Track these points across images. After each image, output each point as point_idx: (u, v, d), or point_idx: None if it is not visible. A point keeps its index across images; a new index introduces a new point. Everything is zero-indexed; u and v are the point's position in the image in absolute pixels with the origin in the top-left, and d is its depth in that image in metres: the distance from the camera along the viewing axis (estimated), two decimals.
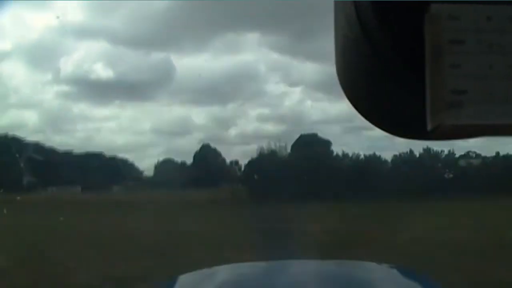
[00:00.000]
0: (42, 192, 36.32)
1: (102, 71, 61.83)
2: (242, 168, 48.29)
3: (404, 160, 30.75)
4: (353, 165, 30.92)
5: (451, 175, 29.09)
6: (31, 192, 35.80)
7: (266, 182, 28.54)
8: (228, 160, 49.15)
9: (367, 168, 29.82)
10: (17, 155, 41.16)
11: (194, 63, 49.28)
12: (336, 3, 0.67)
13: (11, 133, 42.95)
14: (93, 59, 60.72)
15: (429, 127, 0.52)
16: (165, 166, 45.67)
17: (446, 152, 30.91)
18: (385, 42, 0.58)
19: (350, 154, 31.95)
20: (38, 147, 44.36)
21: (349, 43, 0.65)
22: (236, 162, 50.93)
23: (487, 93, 0.51)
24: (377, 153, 31.96)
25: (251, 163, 34.12)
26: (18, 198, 27.41)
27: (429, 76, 0.52)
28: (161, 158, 48.14)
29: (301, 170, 28.85)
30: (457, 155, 31.12)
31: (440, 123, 0.50)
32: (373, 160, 31.55)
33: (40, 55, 55.99)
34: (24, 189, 36.81)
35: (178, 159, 48.75)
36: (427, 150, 30.54)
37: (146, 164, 60.85)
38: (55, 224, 19.14)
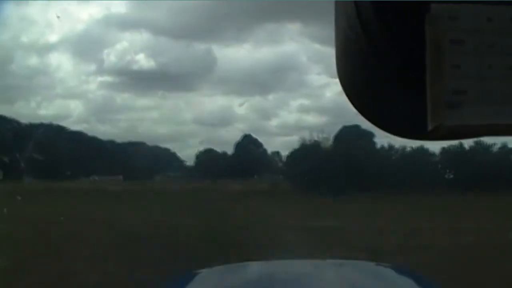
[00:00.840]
0: (84, 181, 36.77)
1: (144, 62, 62.75)
2: (283, 159, 49.40)
3: (454, 153, 29.62)
4: (399, 157, 30.08)
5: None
6: (73, 180, 36.38)
7: (308, 173, 27.93)
8: (269, 151, 48.90)
9: (414, 161, 28.95)
10: (60, 144, 41.86)
11: (236, 53, 49.17)
12: (336, 3, 0.67)
13: (55, 122, 44.04)
14: (135, 50, 61.60)
15: (429, 127, 0.52)
16: (206, 156, 45.33)
17: (499, 145, 29.73)
18: (385, 42, 0.58)
19: (397, 146, 31.05)
20: (81, 136, 45.15)
21: (350, 43, 0.63)
22: (277, 153, 50.88)
23: (487, 94, 0.51)
24: (425, 146, 30.96)
25: (293, 154, 33.47)
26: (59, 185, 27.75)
27: (430, 76, 0.52)
28: (202, 148, 48.28)
29: (345, 162, 28.12)
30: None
31: (440, 123, 0.50)
32: (420, 153, 30.65)
33: (84, 47, 57.07)
34: (66, 177, 37.41)
35: (219, 149, 48.13)
36: (478, 143, 29.35)
37: (187, 154, 61.44)
38: (94, 212, 18.98)
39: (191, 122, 59.47)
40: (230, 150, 47.35)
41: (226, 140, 54.03)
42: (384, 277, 3.23)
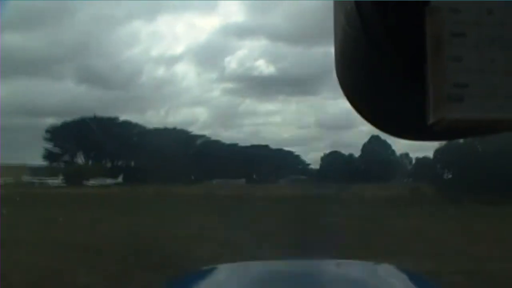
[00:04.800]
0: (207, 184, 35.11)
1: (264, 68, 63.60)
2: (413, 161, 45.18)
3: None
4: None
5: None
6: (195, 184, 34.80)
7: (457, 177, 23.58)
8: (398, 153, 44.78)
9: None
10: (184, 148, 41.26)
11: None
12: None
13: (179, 127, 43.78)
14: (255, 56, 62.44)
15: (430, 121, 0.51)
16: (332, 159, 43.26)
17: None
18: (385, 38, 0.57)
19: None
20: (204, 141, 44.44)
21: (349, 40, 0.63)
22: (406, 155, 47.02)
23: (489, 87, 0.50)
24: None
25: (438, 153, 28.64)
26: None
27: (430, 69, 0.51)
28: (327, 151, 46.76)
29: (494, 164, 23.50)
30: None
31: (442, 117, 0.50)
32: None
33: (207, 56, 59.14)
34: (189, 181, 36.36)
35: (345, 151, 45.92)
36: None
37: (311, 157, 60.13)
38: (208, 216, 16.01)
39: (314, 125, 57.88)
40: (357, 153, 44.93)
41: (351, 143, 51.57)
42: (384, 277, 3.11)
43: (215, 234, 12.74)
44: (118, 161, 41.42)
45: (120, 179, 33.53)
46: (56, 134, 39.50)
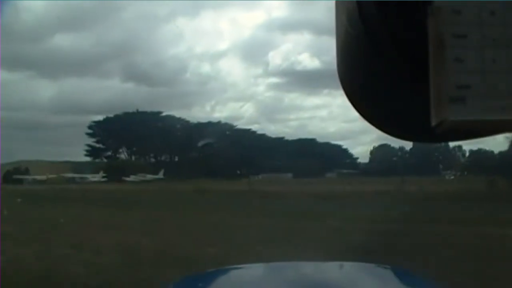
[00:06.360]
0: (252, 179, 33.23)
1: (308, 62, 62.67)
2: (467, 154, 41.61)
3: None
4: None
5: None
6: (238, 179, 32.80)
7: None
8: (451, 145, 42.43)
9: None
10: (229, 143, 39.86)
11: None
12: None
13: (224, 121, 42.66)
14: (299, 51, 61.24)
15: (432, 122, 0.50)
16: (382, 152, 41.89)
17: None
18: (387, 38, 0.58)
19: None
20: (250, 135, 42.98)
21: (350, 40, 0.64)
22: (460, 147, 44.22)
23: (491, 88, 0.50)
24: None
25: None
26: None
27: (432, 70, 0.51)
28: (375, 144, 45.54)
29: None
30: None
31: (444, 118, 0.49)
32: None
33: (251, 51, 58.70)
34: (234, 176, 34.84)
35: (395, 144, 44.11)
36: None
37: (359, 150, 58.69)
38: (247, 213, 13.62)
39: (361, 118, 56.43)
40: (407, 145, 42.68)
41: None
42: (385, 278, 2.92)
43: None
44: (161, 156, 40.34)
45: (161, 175, 32.14)
46: (99, 130, 38.92)
